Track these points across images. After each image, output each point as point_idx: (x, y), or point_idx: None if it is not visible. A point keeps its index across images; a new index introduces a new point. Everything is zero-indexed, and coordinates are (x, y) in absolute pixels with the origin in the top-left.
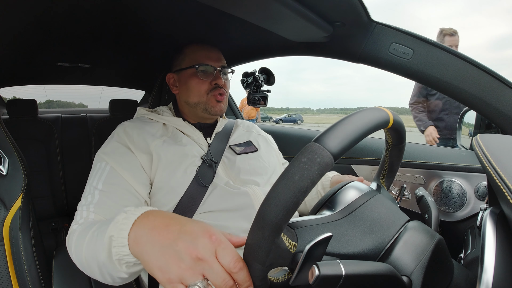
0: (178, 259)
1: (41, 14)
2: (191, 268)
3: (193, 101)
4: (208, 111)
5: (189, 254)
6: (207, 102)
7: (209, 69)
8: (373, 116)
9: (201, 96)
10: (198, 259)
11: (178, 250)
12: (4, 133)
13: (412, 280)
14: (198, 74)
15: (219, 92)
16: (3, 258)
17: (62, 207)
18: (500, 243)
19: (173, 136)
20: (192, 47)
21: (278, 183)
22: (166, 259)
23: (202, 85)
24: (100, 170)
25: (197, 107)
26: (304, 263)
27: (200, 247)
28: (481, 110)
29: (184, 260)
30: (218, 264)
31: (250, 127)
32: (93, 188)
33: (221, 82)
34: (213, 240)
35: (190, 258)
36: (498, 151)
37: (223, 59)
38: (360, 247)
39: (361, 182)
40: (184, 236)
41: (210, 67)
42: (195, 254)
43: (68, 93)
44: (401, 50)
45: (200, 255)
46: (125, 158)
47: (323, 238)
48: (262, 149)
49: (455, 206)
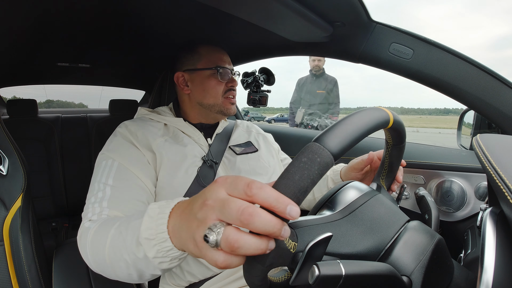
0: (195, 219)
1: (41, 14)
2: (204, 218)
3: (209, 102)
4: (224, 112)
5: (200, 207)
6: (223, 104)
7: (227, 72)
8: (373, 116)
9: (217, 98)
10: (205, 205)
11: (194, 213)
12: (4, 133)
13: (412, 280)
14: (217, 76)
15: (233, 94)
16: (3, 258)
17: (62, 207)
18: (500, 243)
19: (174, 136)
20: (208, 48)
21: (278, 183)
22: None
23: (220, 86)
24: (107, 168)
25: (212, 108)
26: (304, 263)
27: (207, 195)
28: (481, 110)
29: (198, 216)
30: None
31: (249, 127)
32: (102, 184)
33: (236, 84)
34: (218, 181)
35: (201, 210)
36: (498, 151)
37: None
38: (360, 247)
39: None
40: (195, 199)
41: (227, 69)
42: (204, 202)
43: (68, 93)
44: (401, 50)
45: (206, 202)
46: (132, 154)
47: (323, 238)
48: (262, 149)
49: (455, 206)
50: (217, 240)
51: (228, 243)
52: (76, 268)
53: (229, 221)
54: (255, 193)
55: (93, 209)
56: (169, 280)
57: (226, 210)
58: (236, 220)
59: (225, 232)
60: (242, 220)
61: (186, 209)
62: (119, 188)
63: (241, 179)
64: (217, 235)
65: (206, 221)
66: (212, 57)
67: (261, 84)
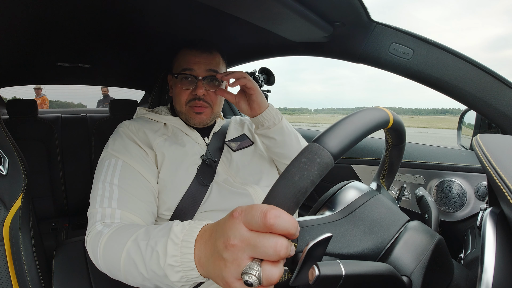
0: (221, 258)
1: (41, 14)
2: (234, 260)
3: (178, 109)
4: (188, 121)
5: (225, 247)
6: (187, 113)
7: (190, 78)
8: (373, 116)
9: (181, 106)
10: (231, 246)
11: (218, 250)
12: (4, 133)
13: (412, 280)
14: (179, 82)
15: (198, 103)
16: (3, 258)
17: (62, 207)
18: (500, 243)
19: (173, 135)
20: (183, 51)
21: (278, 183)
22: (216, 265)
23: (182, 95)
24: (111, 166)
25: (181, 115)
26: (304, 263)
27: (229, 234)
28: (481, 110)
29: (224, 256)
30: (252, 234)
31: (242, 120)
32: (108, 184)
33: (200, 93)
34: (235, 217)
35: (226, 250)
36: (498, 151)
37: (217, 64)
38: (360, 247)
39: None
40: (217, 233)
41: (189, 76)
42: (228, 242)
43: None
44: (401, 50)
45: (231, 241)
46: (135, 152)
47: (323, 239)
48: (257, 141)
49: (455, 206)
50: (259, 280)
51: (269, 280)
52: (76, 268)
53: (266, 258)
54: (273, 224)
55: (102, 210)
56: None
57: (261, 249)
58: (275, 256)
59: (266, 271)
60: (281, 255)
61: (208, 241)
62: (126, 188)
63: (256, 209)
64: (258, 276)
65: (239, 263)
66: (181, 62)
67: (261, 84)
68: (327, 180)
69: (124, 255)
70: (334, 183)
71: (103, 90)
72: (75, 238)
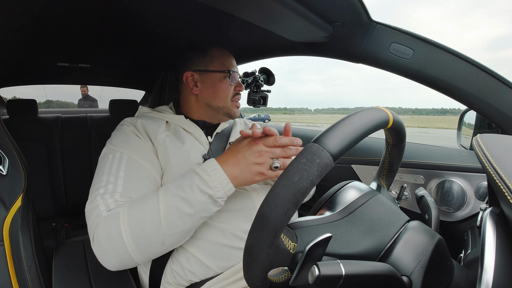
0: (254, 164)
1: (41, 14)
2: (265, 160)
3: (218, 105)
4: (230, 115)
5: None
6: (230, 107)
7: (237, 76)
8: (373, 116)
9: (226, 101)
10: (263, 153)
11: (252, 161)
12: (4, 133)
13: (412, 280)
14: (229, 80)
15: (239, 98)
16: (3, 258)
17: (62, 207)
18: (500, 243)
19: (175, 133)
20: (220, 52)
21: (277, 184)
22: (252, 170)
23: (229, 90)
24: (116, 160)
25: (220, 110)
26: (304, 263)
27: (258, 149)
28: (481, 110)
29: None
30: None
31: (248, 123)
32: (113, 177)
33: (243, 89)
34: (257, 142)
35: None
36: (498, 151)
37: None
38: (360, 247)
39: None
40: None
41: (237, 74)
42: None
43: (68, 93)
44: (401, 50)
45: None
46: (139, 147)
47: (323, 239)
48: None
49: (455, 206)
50: (280, 165)
51: (284, 164)
52: (76, 268)
53: (279, 156)
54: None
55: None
56: (170, 280)
57: (276, 152)
58: (283, 154)
59: (281, 160)
60: (284, 155)
61: (238, 163)
62: (131, 180)
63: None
64: (278, 163)
65: (267, 161)
66: (224, 61)
67: (261, 84)
68: (327, 180)
69: (163, 209)
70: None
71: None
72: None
